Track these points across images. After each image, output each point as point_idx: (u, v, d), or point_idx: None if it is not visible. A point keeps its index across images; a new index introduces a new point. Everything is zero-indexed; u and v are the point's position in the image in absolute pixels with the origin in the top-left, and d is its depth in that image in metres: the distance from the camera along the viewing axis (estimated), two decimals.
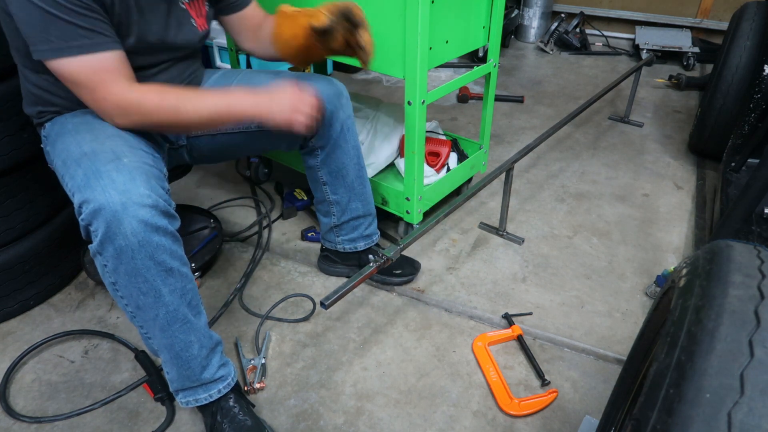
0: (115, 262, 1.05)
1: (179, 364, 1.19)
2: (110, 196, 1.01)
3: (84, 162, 1.08)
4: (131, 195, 1.03)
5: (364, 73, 3.42)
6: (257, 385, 1.39)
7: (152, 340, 1.17)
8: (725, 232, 1.48)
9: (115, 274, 1.08)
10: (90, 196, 1.02)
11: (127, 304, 1.12)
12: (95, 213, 1.02)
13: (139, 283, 1.08)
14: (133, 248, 1.04)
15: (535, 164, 2.41)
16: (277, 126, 1.20)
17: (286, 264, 1.83)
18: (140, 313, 1.13)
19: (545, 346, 1.53)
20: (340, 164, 1.53)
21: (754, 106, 1.98)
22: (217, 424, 1.24)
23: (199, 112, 1.17)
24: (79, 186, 1.05)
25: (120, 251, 1.04)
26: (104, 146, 1.11)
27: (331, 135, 1.47)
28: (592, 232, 1.98)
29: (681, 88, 3.19)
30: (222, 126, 1.34)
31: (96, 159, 1.08)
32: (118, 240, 1.03)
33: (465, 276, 1.77)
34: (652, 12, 3.90)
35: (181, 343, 1.17)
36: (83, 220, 1.04)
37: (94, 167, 1.06)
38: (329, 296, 1.22)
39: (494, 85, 1.91)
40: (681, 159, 2.46)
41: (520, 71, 3.51)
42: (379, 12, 1.48)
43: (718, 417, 0.53)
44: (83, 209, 1.03)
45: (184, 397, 1.24)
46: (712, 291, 0.66)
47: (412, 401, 1.37)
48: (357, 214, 1.62)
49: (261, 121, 1.21)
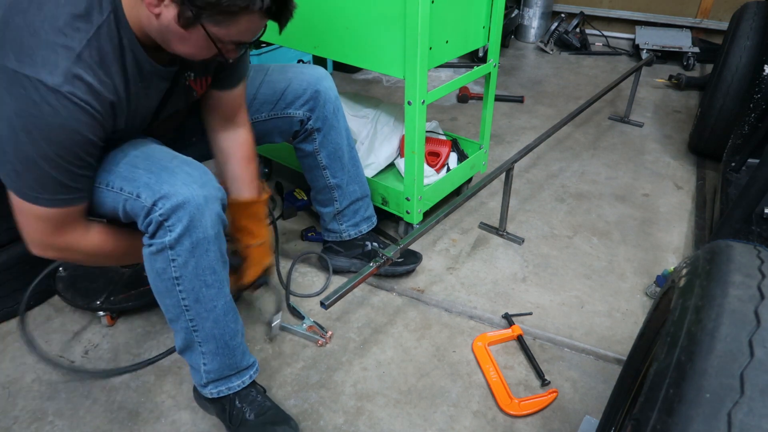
0: (187, 255, 1.07)
1: (225, 353, 1.21)
2: (193, 189, 1.03)
3: (140, 162, 1.07)
4: (209, 188, 1.06)
5: (364, 73, 3.42)
6: (329, 333, 1.53)
7: (198, 332, 1.17)
8: (725, 232, 1.48)
9: (183, 268, 1.08)
10: (169, 191, 1.02)
11: (185, 297, 1.12)
12: (178, 207, 1.02)
13: (207, 275, 1.11)
14: (210, 240, 1.08)
15: (535, 164, 2.41)
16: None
17: (287, 264, 1.83)
18: (197, 306, 1.14)
19: (545, 346, 1.53)
20: (336, 145, 1.55)
21: (754, 106, 1.98)
22: (236, 410, 1.25)
23: (124, 262, 1.20)
24: (148, 184, 1.04)
25: (196, 244, 1.06)
26: (150, 147, 1.11)
27: (326, 115, 1.50)
28: (592, 232, 1.98)
29: (681, 88, 3.19)
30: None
31: (155, 158, 1.08)
32: (197, 233, 1.05)
33: (465, 276, 1.77)
34: (652, 12, 3.90)
35: (231, 332, 1.20)
36: (162, 215, 1.03)
37: (160, 165, 1.06)
38: (329, 296, 1.22)
39: (494, 85, 1.91)
40: (681, 159, 2.46)
41: (520, 71, 3.51)
42: (379, 12, 1.49)
43: (718, 417, 0.53)
44: (161, 205, 1.02)
45: (215, 387, 1.24)
46: (712, 291, 0.66)
47: (412, 401, 1.37)
48: (356, 197, 1.66)
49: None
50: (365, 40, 1.56)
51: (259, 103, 1.44)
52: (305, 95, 1.45)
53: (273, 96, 1.44)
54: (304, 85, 1.45)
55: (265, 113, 1.46)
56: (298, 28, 1.71)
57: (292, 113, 1.47)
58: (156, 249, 1.07)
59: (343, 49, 1.64)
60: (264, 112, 1.46)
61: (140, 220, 1.06)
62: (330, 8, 1.59)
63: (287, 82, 1.44)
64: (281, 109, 1.46)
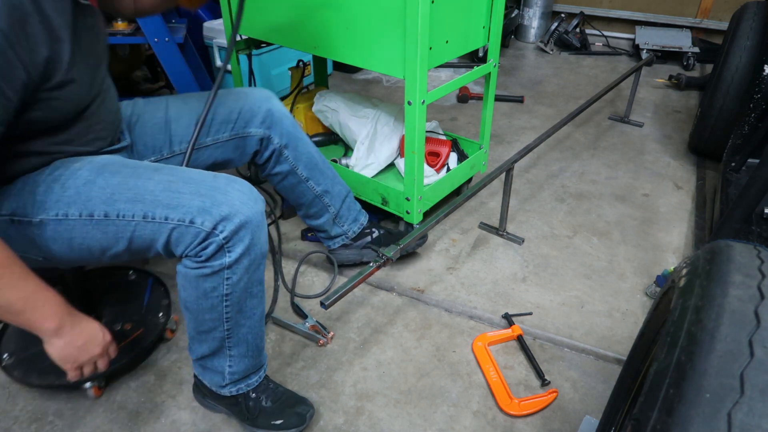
0: (242, 273, 1.05)
1: (253, 354, 1.22)
2: (251, 207, 1.01)
3: (182, 186, 1.01)
4: (260, 204, 1.04)
5: (364, 73, 3.42)
6: (330, 334, 1.54)
7: (232, 338, 1.16)
8: (725, 232, 1.48)
9: (236, 285, 1.06)
10: (230, 212, 0.99)
11: (229, 311, 1.10)
12: (241, 226, 1.00)
13: (254, 287, 1.10)
14: (263, 255, 1.08)
15: (535, 164, 2.41)
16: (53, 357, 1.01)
17: (286, 264, 1.83)
18: (238, 316, 1.13)
19: (545, 346, 1.53)
20: (309, 155, 1.55)
21: (754, 106, 1.98)
22: (252, 401, 1.26)
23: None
24: (202, 208, 0.99)
25: (252, 261, 1.05)
26: (179, 169, 1.06)
27: (288, 130, 1.49)
28: (592, 232, 1.98)
29: (681, 88, 3.19)
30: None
31: (195, 180, 1.03)
32: (256, 250, 1.04)
33: (465, 276, 1.77)
34: (652, 12, 3.90)
35: (262, 333, 1.22)
36: (225, 238, 1.00)
37: (207, 185, 1.02)
38: (329, 296, 1.22)
39: (494, 85, 1.91)
40: (681, 159, 2.46)
41: (520, 71, 3.51)
42: (379, 12, 1.49)
43: (718, 417, 0.53)
44: (222, 228, 0.99)
45: (234, 386, 1.24)
46: (712, 291, 0.66)
47: (412, 401, 1.37)
48: (344, 195, 1.67)
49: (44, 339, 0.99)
50: (365, 40, 1.56)
51: (218, 123, 1.41)
52: (260, 113, 1.44)
53: (231, 115, 1.41)
54: (258, 104, 1.44)
55: (227, 133, 1.42)
56: (298, 28, 1.72)
57: (253, 131, 1.45)
58: (211, 271, 1.03)
59: (343, 49, 1.64)
60: (225, 132, 1.42)
61: (191, 247, 1.01)
62: (330, 8, 1.59)
63: (241, 102, 1.43)
64: (241, 128, 1.43)
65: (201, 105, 1.33)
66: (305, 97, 2.18)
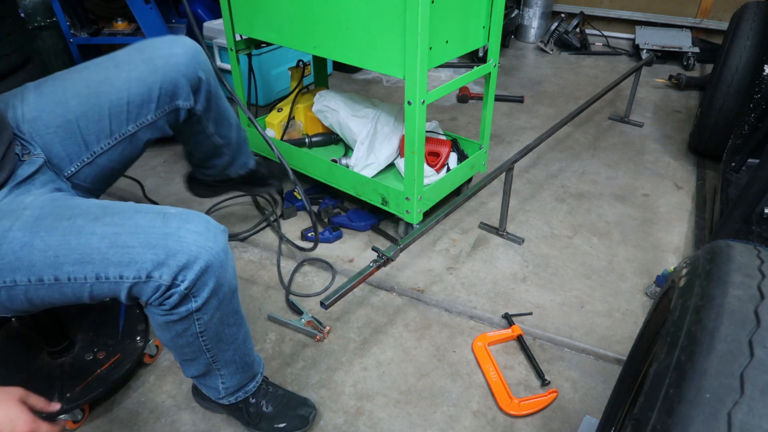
0: (214, 311, 1.00)
1: (243, 369, 1.19)
2: (210, 248, 0.92)
3: (127, 238, 0.90)
4: (221, 237, 0.96)
5: (364, 73, 3.42)
6: (327, 329, 1.55)
7: (218, 362, 1.13)
8: (725, 232, 1.48)
9: (209, 323, 1.02)
10: (188, 260, 0.90)
11: (207, 342, 1.06)
12: (203, 272, 0.92)
13: (230, 318, 1.06)
14: (233, 289, 1.02)
15: (535, 164, 2.41)
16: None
17: (286, 264, 1.83)
18: (218, 345, 1.09)
19: (545, 346, 1.53)
20: (221, 109, 1.41)
21: (754, 106, 1.98)
22: (252, 406, 1.25)
23: None
24: (155, 262, 0.89)
25: (222, 299, 1.00)
26: (115, 210, 0.94)
27: (203, 98, 1.32)
28: (592, 232, 1.98)
29: (681, 88, 3.19)
30: None
31: (141, 225, 0.92)
32: (224, 288, 0.98)
33: (465, 276, 1.77)
34: (652, 12, 3.90)
35: (249, 350, 1.19)
36: (187, 288, 0.92)
37: (156, 231, 0.91)
38: (329, 296, 1.22)
39: (494, 85, 1.91)
40: (681, 159, 2.46)
41: (520, 71, 3.51)
42: (379, 12, 1.49)
43: (718, 417, 0.53)
44: (182, 278, 0.91)
45: (233, 395, 1.23)
46: (712, 291, 0.66)
47: (412, 401, 1.37)
48: (244, 137, 1.59)
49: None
50: (365, 40, 1.56)
51: (137, 105, 1.18)
52: (186, 82, 1.23)
53: (151, 93, 1.19)
54: (182, 71, 1.22)
55: (151, 115, 1.21)
56: (298, 28, 1.72)
57: (181, 104, 1.25)
58: (179, 317, 0.98)
59: (343, 49, 1.64)
60: (149, 114, 1.21)
61: (153, 298, 0.94)
62: (330, 8, 1.59)
63: (160, 74, 1.20)
64: (166, 103, 1.23)
65: (104, 81, 1.15)
66: (305, 97, 2.18)
